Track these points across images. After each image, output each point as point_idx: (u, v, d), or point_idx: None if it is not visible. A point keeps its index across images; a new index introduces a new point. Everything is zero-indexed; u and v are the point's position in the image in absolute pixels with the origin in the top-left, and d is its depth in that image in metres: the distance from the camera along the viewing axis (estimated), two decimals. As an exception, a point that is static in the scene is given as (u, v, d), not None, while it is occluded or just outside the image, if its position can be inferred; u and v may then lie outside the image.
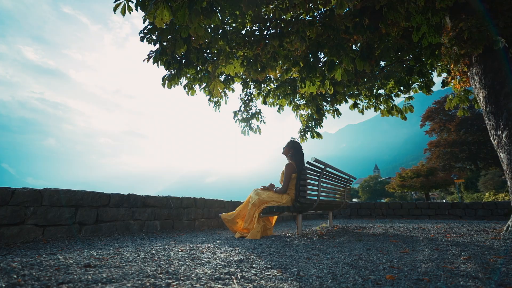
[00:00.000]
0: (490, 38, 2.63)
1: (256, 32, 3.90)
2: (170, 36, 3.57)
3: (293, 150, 3.19)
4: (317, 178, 3.06)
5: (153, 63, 4.15)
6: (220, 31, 3.24)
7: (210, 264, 1.28)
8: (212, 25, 3.48)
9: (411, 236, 2.87)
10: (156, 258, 1.39)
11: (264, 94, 6.44)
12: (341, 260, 1.52)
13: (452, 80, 3.40)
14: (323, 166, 3.02)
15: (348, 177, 4.08)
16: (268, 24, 3.80)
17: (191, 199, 4.00)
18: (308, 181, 2.90)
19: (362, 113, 6.88)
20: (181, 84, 5.05)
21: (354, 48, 4.78)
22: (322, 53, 4.23)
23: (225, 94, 6.09)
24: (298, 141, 3.89)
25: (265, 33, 3.61)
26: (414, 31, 3.62)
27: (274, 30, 3.40)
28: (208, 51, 4.51)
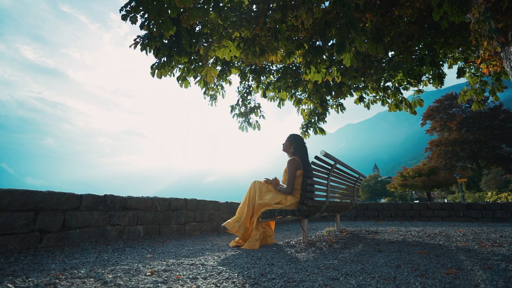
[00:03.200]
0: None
1: (254, 11, 3.44)
2: (158, 22, 3.09)
3: (295, 144, 2.73)
4: (326, 176, 2.60)
5: (141, 50, 3.68)
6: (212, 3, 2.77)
7: (180, 308, 0.83)
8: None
9: (438, 244, 2.42)
10: (102, 295, 0.93)
11: (264, 87, 5.97)
12: (374, 291, 1.06)
13: (481, 64, 2.95)
14: (333, 162, 2.57)
15: (358, 175, 3.63)
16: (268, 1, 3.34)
17: (181, 201, 3.54)
18: (316, 179, 2.45)
19: (368, 108, 6.42)
20: (173, 75, 4.59)
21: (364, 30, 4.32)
22: (329, 36, 3.78)
23: (222, 87, 5.63)
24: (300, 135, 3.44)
25: (264, 9, 3.14)
26: (434, 8, 3.16)
27: (275, 5, 2.93)
28: (203, 40, 4.04)
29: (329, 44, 4.03)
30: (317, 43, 3.72)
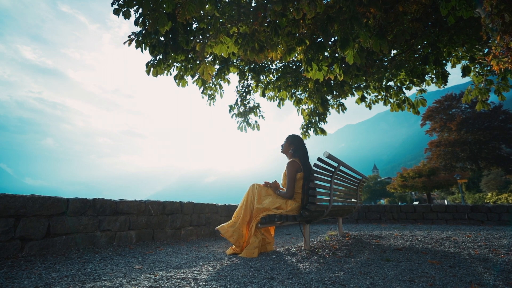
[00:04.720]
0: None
1: (253, 6, 3.29)
2: (153, 17, 2.94)
3: (294, 145, 2.57)
4: (329, 179, 2.45)
5: (136, 47, 3.53)
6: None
7: None
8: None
9: (449, 252, 2.26)
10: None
11: (263, 86, 5.81)
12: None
13: (492, 61, 2.81)
14: (336, 164, 2.42)
15: (361, 178, 3.47)
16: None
17: (176, 204, 3.38)
18: (318, 182, 2.30)
19: (370, 108, 6.29)
20: (170, 74, 4.45)
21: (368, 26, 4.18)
22: (331, 32, 3.64)
23: (220, 86, 5.48)
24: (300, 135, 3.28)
25: (264, 3, 2.99)
26: (442, 3, 3.01)
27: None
28: (200, 36, 3.90)
29: (331, 41, 3.89)
30: (319, 39, 3.58)
